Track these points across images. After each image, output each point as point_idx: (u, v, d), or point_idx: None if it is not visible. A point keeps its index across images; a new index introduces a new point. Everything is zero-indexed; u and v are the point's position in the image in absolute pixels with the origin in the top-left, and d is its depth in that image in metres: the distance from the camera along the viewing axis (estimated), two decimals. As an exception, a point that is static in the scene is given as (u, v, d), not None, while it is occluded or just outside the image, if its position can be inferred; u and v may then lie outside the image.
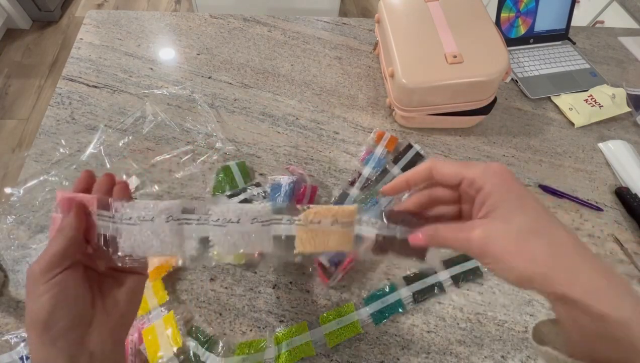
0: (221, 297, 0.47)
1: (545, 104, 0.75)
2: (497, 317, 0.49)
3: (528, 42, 0.82)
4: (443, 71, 0.58)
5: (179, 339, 0.43)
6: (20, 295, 0.45)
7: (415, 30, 0.63)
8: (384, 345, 0.46)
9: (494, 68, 0.58)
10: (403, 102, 0.62)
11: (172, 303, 0.46)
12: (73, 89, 0.65)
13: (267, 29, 0.79)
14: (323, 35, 0.80)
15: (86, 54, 0.70)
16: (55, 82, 1.57)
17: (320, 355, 0.44)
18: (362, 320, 0.46)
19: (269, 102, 0.67)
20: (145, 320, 0.44)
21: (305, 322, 0.46)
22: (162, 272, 0.47)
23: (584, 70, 0.80)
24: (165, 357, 0.41)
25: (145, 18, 0.77)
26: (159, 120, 0.62)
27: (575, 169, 0.66)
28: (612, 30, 0.93)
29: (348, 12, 2.18)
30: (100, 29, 0.74)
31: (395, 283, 0.49)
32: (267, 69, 0.72)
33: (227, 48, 0.75)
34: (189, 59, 0.72)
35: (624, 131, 0.73)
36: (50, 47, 1.80)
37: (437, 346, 0.46)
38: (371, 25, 0.83)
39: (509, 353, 0.46)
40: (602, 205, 0.62)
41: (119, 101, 0.64)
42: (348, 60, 0.76)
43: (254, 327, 0.46)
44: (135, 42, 0.73)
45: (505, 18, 0.78)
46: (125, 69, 0.68)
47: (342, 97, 0.70)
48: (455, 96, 0.61)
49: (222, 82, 0.69)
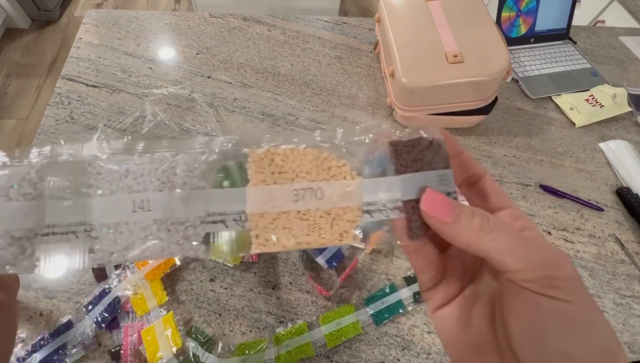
0: (221, 298, 0.47)
1: (546, 104, 0.74)
2: (498, 318, 0.49)
3: (529, 42, 0.82)
4: (443, 71, 0.58)
5: (179, 340, 0.42)
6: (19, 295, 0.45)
7: (415, 29, 0.63)
8: (384, 346, 0.45)
9: (495, 68, 0.58)
10: (403, 102, 0.62)
11: (171, 304, 0.46)
12: (72, 88, 0.64)
13: (267, 29, 0.79)
14: (323, 34, 0.80)
15: (85, 53, 0.70)
16: (55, 81, 1.57)
17: (320, 356, 0.44)
18: (362, 321, 0.46)
19: (269, 102, 0.67)
20: (145, 320, 0.44)
21: (305, 322, 0.45)
22: (161, 272, 0.46)
23: (584, 70, 0.79)
24: (164, 357, 0.41)
25: (144, 17, 0.77)
26: (159, 120, 0.62)
27: (576, 169, 0.66)
28: (613, 29, 0.93)
29: (348, 12, 2.18)
30: (100, 28, 0.74)
31: (396, 283, 0.49)
32: (266, 68, 0.72)
33: (227, 47, 0.74)
34: (188, 58, 0.72)
35: (625, 131, 0.72)
36: (49, 47, 1.80)
37: (437, 347, 0.46)
38: (371, 25, 0.83)
39: (510, 354, 0.46)
40: (603, 205, 0.61)
41: (118, 100, 0.64)
42: (348, 59, 0.76)
43: (253, 327, 0.45)
44: (135, 42, 0.73)
45: (506, 17, 0.77)
46: (125, 69, 0.68)
47: (342, 97, 0.70)
48: (456, 96, 0.61)
49: (222, 81, 0.69)
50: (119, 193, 0.18)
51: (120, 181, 0.18)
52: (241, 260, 0.49)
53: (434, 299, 0.21)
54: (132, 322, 0.44)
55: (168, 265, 0.47)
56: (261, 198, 0.18)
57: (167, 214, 0.18)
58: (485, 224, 0.17)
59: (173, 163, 0.18)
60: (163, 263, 0.47)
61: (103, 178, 0.18)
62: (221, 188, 0.18)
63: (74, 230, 0.17)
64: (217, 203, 0.18)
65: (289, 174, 0.19)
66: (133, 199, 0.18)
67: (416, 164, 0.19)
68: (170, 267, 0.47)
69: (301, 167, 0.19)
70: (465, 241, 0.17)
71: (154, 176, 0.18)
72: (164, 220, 0.18)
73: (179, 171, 0.18)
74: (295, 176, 0.19)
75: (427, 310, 0.21)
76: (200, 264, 0.49)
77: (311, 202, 0.19)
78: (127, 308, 0.45)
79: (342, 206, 0.19)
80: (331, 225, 0.19)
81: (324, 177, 0.19)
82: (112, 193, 0.18)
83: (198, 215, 0.18)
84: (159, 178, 0.18)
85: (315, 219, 0.19)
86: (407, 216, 0.19)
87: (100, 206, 0.18)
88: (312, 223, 0.19)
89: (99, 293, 0.44)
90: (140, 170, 0.18)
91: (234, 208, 0.18)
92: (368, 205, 0.19)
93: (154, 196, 0.18)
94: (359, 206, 0.19)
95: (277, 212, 0.18)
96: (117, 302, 0.44)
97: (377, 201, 0.19)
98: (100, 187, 0.18)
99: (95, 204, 0.18)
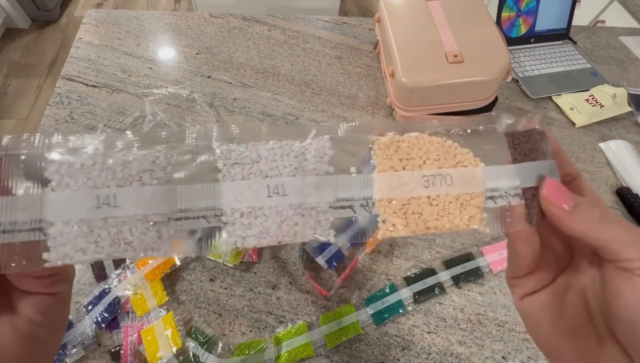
0: (221, 298, 0.47)
1: (546, 104, 0.74)
2: (498, 318, 0.49)
3: (529, 42, 0.82)
4: (444, 71, 0.58)
5: (179, 340, 0.42)
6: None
7: (415, 29, 0.62)
8: (384, 346, 0.45)
9: (495, 68, 0.58)
10: (403, 102, 0.62)
11: (171, 304, 0.46)
12: (72, 88, 0.64)
13: (267, 28, 0.79)
14: (323, 34, 0.80)
15: (85, 53, 0.69)
16: (54, 81, 1.57)
17: (320, 356, 0.44)
18: (362, 321, 0.46)
19: (269, 102, 0.67)
20: (145, 320, 0.44)
21: (305, 322, 0.45)
22: (161, 272, 0.46)
23: (585, 70, 0.79)
24: (164, 357, 0.41)
25: (144, 17, 0.77)
26: (158, 120, 0.62)
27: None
28: (613, 29, 0.93)
29: (348, 12, 2.18)
30: (100, 28, 0.74)
31: (396, 283, 0.49)
32: (266, 68, 0.72)
33: (227, 47, 0.74)
34: (188, 58, 0.72)
35: (625, 131, 0.72)
36: (49, 47, 1.80)
37: (437, 347, 0.46)
38: (371, 25, 0.83)
39: (510, 354, 0.46)
40: (603, 205, 0.61)
41: (118, 100, 0.64)
42: (348, 59, 0.76)
43: (253, 327, 0.45)
44: (135, 42, 0.73)
45: (506, 17, 0.77)
46: (125, 69, 0.68)
47: (342, 97, 0.70)
48: (456, 96, 0.61)
49: (222, 81, 0.69)
50: (252, 178, 0.18)
51: (251, 166, 0.18)
52: (241, 260, 0.49)
53: (525, 286, 0.22)
54: (132, 322, 0.44)
55: (168, 265, 0.47)
56: (390, 184, 0.19)
57: (301, 199, 0.18)
58: (605, 215, 0.18)
59: (303, 148, 0.19)
60: (163, 263, 0.47)
61: (233, 163, 0.18)
62: (348, 174, 0.19)
63: (205, 215, 0.17)
64: (345, 188, 0.19)
65: (417, 161, 0.19)
66: (268, 184, 0.18)
67: (532, 154, 0.20)
68: (170, 267, 0.47)
69: (428, 154, 0.19)
70: (582, 230, 0.18)
71: (286, 161, 0.18)
72: (299, 205, 0.18)
73: (309, 157, 0.19)
74: (423, 162, 0.19)
75: (513, 299, 0.22)
76: (200, 264, 0.49)
77: (441, 188, 0.19)
78: (127, 308, 0.45)
79: (469, 191, 0.19)
80: (460, 210, 0.19)
81: (452, 164, 0.19)
82: (244, 177, 0.18)
83: (327, 200, 0.18)
84: (291, 163, 0.18)
85: (444, 204, 0.19)
86: (526, 203, 0.19)
87: (231, 190, 0.18)
88: (441, 208, 0.19)
89: (99, 293, 0.44)
90: (272, 155, 0.18)
91: (361, 193, 0.19)
92: (491, 191, 0.19)
93: (289, 181, 0.18)
94: (483, 192, 0.19)
95: (407, 198, 0.19)
96: (117, 302, 0.44)
97: (499, 187, 0.19)
98: (230, 171, 0.18)
99: (225, 189, 0.18)
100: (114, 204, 0.17)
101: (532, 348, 0.47)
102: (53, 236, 0.16)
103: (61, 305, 0.20)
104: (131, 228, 0.17)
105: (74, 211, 0.16)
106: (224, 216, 0.18)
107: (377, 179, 0.19)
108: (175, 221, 0.17)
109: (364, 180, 0.19)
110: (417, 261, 0.52)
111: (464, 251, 0.52)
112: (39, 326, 0.18)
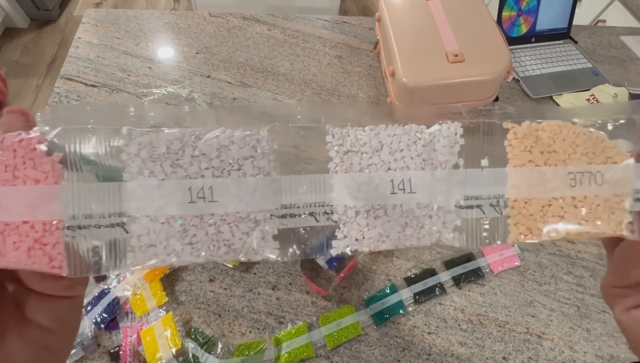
0: (220, 298, 0.47)
1: (547, 104, 0.74)
2: (499, 318, 0.48)
3: (530, 41, 0.81)
4: (444, 70, 0.58)
5: (178, 340, 0.42)
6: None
7: (416, 28, 0.62)
8: (385, 347, 0.45)
9: (496, 67, 0.58)
10: (404, 102, 0.62)
11: (170, 305, 0.45)
12: (71, 88, 0.64)
13: (267, 28, 0.79)
14: (323, 34, 0.80)
15: (84, 53, 0.69)
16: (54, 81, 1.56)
17: (320, 357, 0.44)
18: (363, 322, 0.46)
19: (269, 102, 0.67)
20: (144, 321, 0.44)
21: (305, 323, 0.45)
22: (161, 273, 0.46)
23: (585, 69, 0.79)
24: (164, 358, 0.41)
25: (143, 17, 0.77)
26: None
27: (577, 169, 0.66)
28: (614, 29, 0.93)
29: (348, 11, 2.18)
30: (99, 28, 0.74)
31: (396, 284, 0.49)
32: (266, 68, 0.72)
33: (226, 47, 0.74)
34: (187, 58, 0.71)
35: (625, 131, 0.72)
36: (48, 46, 1.80)
37: (438, 347, 0.46)
38: (372, 24, 0.82)
39: (511, 355, 0.46)
40: (604, 205, 0.61)
41: (117, 100, 0.63)
42: (348, 59, 0.76)
43: (253, 328, 0.45)
44: (134, 41, 0.72)
45: (506, 17, 0.77)
46: (124, 68, 0.68)
47: (343, 97, 0.70)
48: (457, 95, 0.60)
49: (221, 81, 0.69)
50: (373, 170, 0.15)
51: (372, 156, 0.15)
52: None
53: (632, 297, 0.19)
54: (131, 322, 0.44)
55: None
56: (530, 181, 0.16)
57: (430, 197, 0.16)
58: None
59: (431, 136, 0.16)
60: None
61: (347, 150, 0.15)
62: (478, 168, 0.16)
63: (313, 212, 0.15)
64: (474, 185, 0.16)
65: (561, 154, 0.16)
66: (392, 178, 0.15)
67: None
68: (170, 267, 0.47)
69: (574, 147, 0.16)
70: None
71: (413, 151, 0.16)
72: (426, 204, 0.16)
73: (438, 147, 0.16)
74: (567, 156, 0.16)
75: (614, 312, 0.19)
76: (200, 264, 0.49)
77: (590, 188, 0.16)
78: (126, 308, 0.44)
79: (618, 192, 0.16)
80: (609, 214, 0.16)
81: (602, 159, 0.16)
82: (362, 169, 0.15)
83: (456, 198, 0.16)
84: (419, 153, 0.16)
85: (591, 207, 0.16)
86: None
87: (345, 184, 0.15)
88: (588, 211, 0.16)
89: (98, 294, 0.44)
90: (397, 143, 0.15)
91: (491, 191, 0.16)
92: (637, 192, 0.16)
93: (416, 175, 0.15)
94: (632, 192, 0.16)
95: (548, 198, 0.16)
96: (117, 303, 0.44)
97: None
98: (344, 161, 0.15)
99: (337, 181, 0.15)
100: (210, 199, 0.14)
101: (533, 349, 0.47)
102: (137, 234, 0.14)
103: (76, 309, 0.19)
104: (232, 227, 0.14)
105: (162, 205, 0.13)
106: (335, 214, 0.15)
107: (512, 175, 0.16)
108: (278, 219, 0.14)
109: (495, 175, 0.16)
110: (418, 261, 0.52)
111: (465, 252, 0.52)
112: (53, 334, 0.17)
